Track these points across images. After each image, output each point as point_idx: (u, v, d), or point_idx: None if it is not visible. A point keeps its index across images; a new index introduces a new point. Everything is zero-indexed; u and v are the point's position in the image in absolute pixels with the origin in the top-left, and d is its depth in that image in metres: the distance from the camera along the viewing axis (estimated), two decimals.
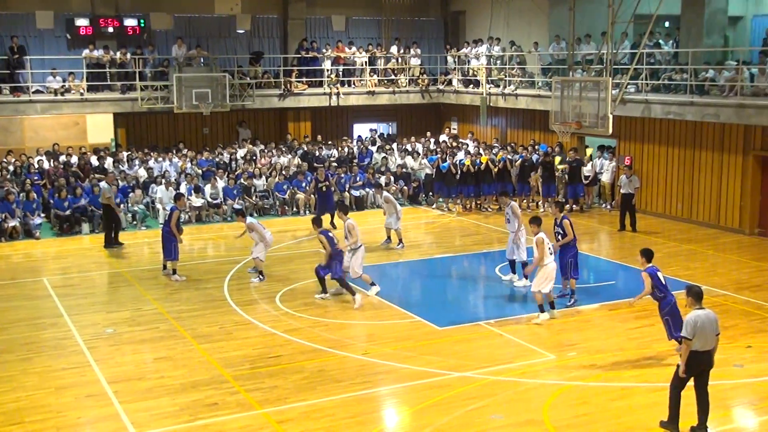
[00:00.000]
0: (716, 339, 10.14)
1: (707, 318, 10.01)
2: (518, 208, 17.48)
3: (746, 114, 20.28)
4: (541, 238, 14.70)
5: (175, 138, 29.49)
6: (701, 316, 9.98)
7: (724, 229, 22.10)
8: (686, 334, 9.93)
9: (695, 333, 9.91)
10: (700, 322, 9.92)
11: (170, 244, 17.84)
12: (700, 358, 10.01)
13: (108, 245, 21.07)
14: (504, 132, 30.31)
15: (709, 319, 10.02)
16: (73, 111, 27.28)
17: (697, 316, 9.96)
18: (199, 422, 10.85)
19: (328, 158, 27.88)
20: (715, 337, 10.10)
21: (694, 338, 9.92)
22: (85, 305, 16.24)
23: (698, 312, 10.03)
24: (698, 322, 9.92)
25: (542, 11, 28.84)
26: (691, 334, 9.91)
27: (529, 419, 10.81)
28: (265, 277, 17.60)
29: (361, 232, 16.90)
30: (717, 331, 10.13)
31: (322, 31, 32.96)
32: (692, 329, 9.90)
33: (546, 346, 13.52)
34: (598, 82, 20.91)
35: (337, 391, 11.80)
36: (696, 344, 9.95)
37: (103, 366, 12.88)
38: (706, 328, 9.97)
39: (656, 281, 12.43)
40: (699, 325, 9.91)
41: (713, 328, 10.06)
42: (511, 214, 17.13)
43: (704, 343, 9.99)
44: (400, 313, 15.52)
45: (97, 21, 28.68)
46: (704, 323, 9.95)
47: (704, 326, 9.94)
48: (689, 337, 9.92)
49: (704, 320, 9.96)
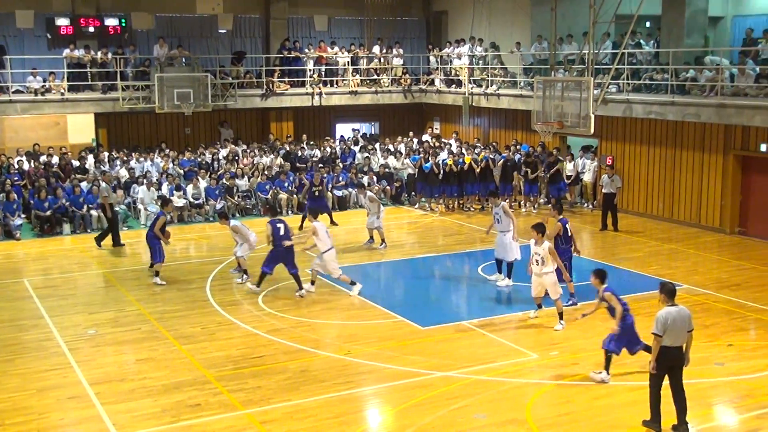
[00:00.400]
0: (689, 335, 10.28)
1: (678, 314, 10.15)
2: (509, 209, 17.53)
3: (726, 114, 20.43)
4: (552, 247, 14.61)
5: (156, 138, 29.37)
6: (672, 312, 10.13)
7: (704, 229, 22.24)
8: (657, 331, 10.11)
9: (666, 330, 10.08)
10: (671, 318, 10.08)
11: (155, 247, 17.63)
12: (670, 353, 10.16)
13: (117, 244, 21.15)
14: (486, 132, 30.38)
15: (680, 316, 10.16)
16: (53, 111, 27.12)
17: (668, 313, 10.12)
18: (181, 423, 10.81)
19: (310, 158, 27.86)
20: (687, 333, 10.23)
21: (665, 335, 10.08)
22: (66, 306, 16.14)
23: (669, 309, 10.17)
24: (669, 319, 10.08)
25: (524, 11, 28.92)
26: (662, 330, 10.08)
27: (512, 418, 10.84)
28: (249, 276, 17.51)
29: (345, 232, 16.90)
30: (690, 327, 10.26)
31: (305, 31, 32.93)
32: (662, 326, 10.08)
33: (528, 345, 13.56)
34: (579, 82, 21.01)
35: (320, 391, 11.79)
36: (666, 340, 10.11)
37: (84, 367, 12.81)
38: (677, 325, 10.11)
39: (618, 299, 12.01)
40: (670, 322, 10.07)
41: (685, 324, 10.20)
42: (502, 214, 17.13)
43: (675, 339, 10.15)
44: (383, 313, 15.52)
45: (78, 20, 28.51)
46: (675, 319, 10.10)
47: (675, 322, 10.09)
48: (660, 333, 10.09)
49: (675, 317, 10.11)
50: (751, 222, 21.60)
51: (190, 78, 27.38)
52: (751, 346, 13.67)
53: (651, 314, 14.94)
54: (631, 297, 16.07)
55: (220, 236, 22.34)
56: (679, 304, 10.32)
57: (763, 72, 20.50)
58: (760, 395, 11.56)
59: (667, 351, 10.15)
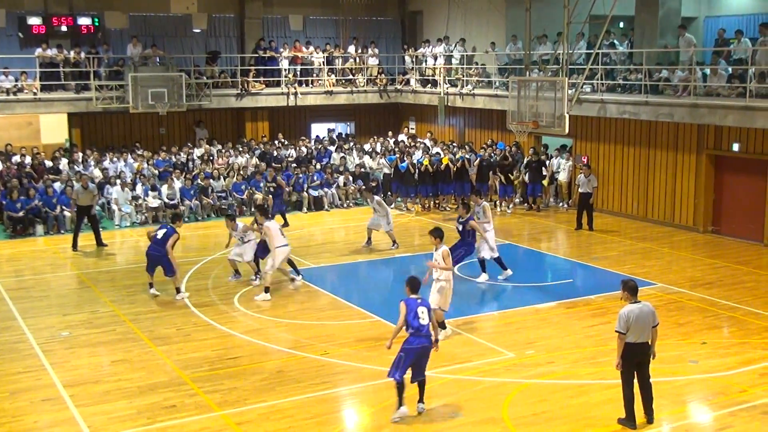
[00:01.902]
0: (653, 331, 10.41)
1: (641, 311, 10.29)
2: (489, 209, 17.68)
3: (699, 113, 20.60)
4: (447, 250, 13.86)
5: (131, 138, 29.19)
6: (634, 310, 10.27)
7: (678, 227, 22.42)
8: (619, 329, 10.25)
9: (629, 327, 10.22)
10: (633, 316, 10.23)
11: (165, 263, 16.22)
12: (634, 349, 10.31)
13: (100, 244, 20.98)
14: (462, 131, 30.44)
15: (643, 312, 10.29)
16: (26, 111, 26.86)
17: (630, 311, 10.27)
18: (157, 425, 10.75)
19: (285, 158, 27.81)
20: (651, 328, 10.37)
21: (628, 332, 10.22)
22: (39, 308, 15.99)
23: (631, 306, 10.31)
24: (631, 317, 10.23)
25: (499, 12, 29.01)
26: (624, 328, 10.23)
27: (489, 417, 10.87)
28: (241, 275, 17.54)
29: (320, 232, 16.88)
30: (654, 322, 10.40)
31: (280, 31, 32.85)
32: (625, 324, 10.23)
33: (504, 344, 13.60)
34: (554, 82, 21.08)
35: (296, 391, 11.76)
36: (630, 336, 10.26)
37: (58, 369, 12.70)
38: (640, 321, 10.25)
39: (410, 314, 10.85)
40: (632, 319, 10.22)
41: (649, 320, 10.34)
42: (481, 213, 17.20)
43: (639, 336, 10.29)
44: (360, 313, 15.51)
45: (50, 19, 28.26)
46: (638, 316, 10.25)
47: (638, 319, 10.24)
48: (623, 331, 10.23)
49: (638, 314, 10.26)
50: (724, 221, 21.80)
51: (165, 78, 27.22)
52: (724, 343, 13.79)
53: None
54: (605, 296, 16.25)
55: (195, 237, 22.27)
56: (642, 301, 10.46)
57: (735, 72, 20.69)
58: (733, 392, 11.66)
59: (631, 347, 10.28)
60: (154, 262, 16.36)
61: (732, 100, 20.05)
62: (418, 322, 10.67)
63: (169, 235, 16.08)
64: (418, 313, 10.72)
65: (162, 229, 16.35)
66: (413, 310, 10.73)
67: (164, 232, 16.17)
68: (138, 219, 23.82)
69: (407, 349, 10.70)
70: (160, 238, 16.13)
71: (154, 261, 16.34)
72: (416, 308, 10.75)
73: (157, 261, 16.30)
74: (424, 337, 10.71)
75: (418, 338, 10.69)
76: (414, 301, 10.87)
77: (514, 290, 16.88)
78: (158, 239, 16.15)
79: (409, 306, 10.79)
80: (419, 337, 10.69)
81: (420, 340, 10.69)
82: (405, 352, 10.69)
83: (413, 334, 10.71)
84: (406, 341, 10.76)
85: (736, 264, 18.89)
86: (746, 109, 19.37)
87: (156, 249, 16.21)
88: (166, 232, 16.16)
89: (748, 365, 12.66)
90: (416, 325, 10.67)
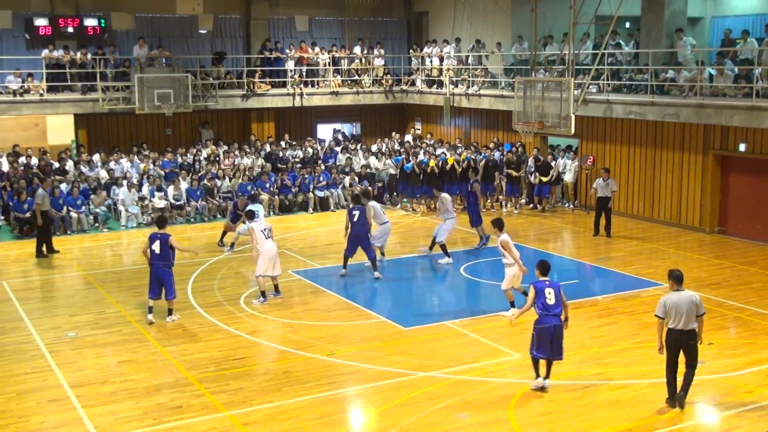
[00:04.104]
0: (700, 320, 10.81)
1: (679, 297, 10.74)
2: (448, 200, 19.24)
3: (705, 114, 20.57)
4: (506, 239, 14.78)
5: (137, 139, 29.23)
6: (672, 296, 10.82)
7: (684, 228, 22.38)
8: (657, 313, 10.87)
9: (666, 312, 10.76)
10: (671, 301, 10.74)
11: (171, 280, 15.08)
12: (675, 335, 10.78)
13: (40, 255, 20.10)
14: (467, 132, 30.44)
15: (682, 299, 10.74)
16: (32, 112, 26.92)
17: (668, 297, 10.82)
18: (163, 425, 10.76)
19: (292, 159, 27.83)
20: (695, 317, 10.74)
21: (666, 316, 10.76)
22: (46, 308, 16.04)
23: (672, 293, 10.80)
24: (668, 303, 10.74)
25: (505, 12, 28.99)
26: (662, 313, 10.81)
27: (495, 418, 10.87)
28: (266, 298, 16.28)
29: (327, 233, 16.87)
30: (699, 311, 10.78)
31: (285, 32, 32.86)
32: (662, 309, 10.81)
33: (511, 345, 13.58)
34: (560, 82, 21.09)
35: (302, 392, 11.77)
36: (669, 322, 10.76)
37: (65, 370, 12.73)
38: (679, 307, 10.67)
39: (538, 295, 11.60)
40: (669, 305, 10.72)
41: (690, 308, 10.70)
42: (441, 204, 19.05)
43: (678, 322, 10.71)
44: (366, 313, 15.51)
45: (57, 21, 28.32)
46: (676, 302, 10.71)
47: (676, 305, 10.69)
48: (661, 315, 10.82)
49: (675, 300, 10.73)
50: (731, 221, 21.76)
51: (171, 79, 27.26)
52: (731, 344, 13.77)
53: (631, 313, 15.19)
54: (611, 296, 16.23)
55: (201, 237, 22.31)
56: (687, 290, 10.87)
57: (742, 72, 20.66)
58: (740, 393, 11.64)
59: (672, 333, 10.80)
60: (160, 280, 14.90)
61: (738, 100, 20.02)
62: (544, 302, 11.38)
63: (166, 242, 14.83)
64: (546, 294, 11.42)
65: (155, 241, 14.84)
66: (541, 291, 11.43)
67: (159, 244, 14.79)
68: (144, 220, 23.84)
69: (537, 328, 11.49)
70: (159, 252, 14.80)
71: (160, 278, 14.88)
72: (544, 289, 11.44)
73: (162, 278, 14.88)
74: (553, 317, 11.40)
75: (547, 317, 11.41)
76: (542, 283, 11.54)
77: None
78: (158, 254, 14.80)
79: (537, 288, 11.49)
80: (548, 316, 11.40)
81: (549, 320, 11.40)
82: (536, 332, 11.50)
83: (542, 314, 11.44)
84: (536, 321, 11.53)
85: (742, 264, 18.85)
86: (753, 110, 19.33)
87: (159, 264, 14.85)
88: (161, 243, 14.80)
89: (755, 366, 12.64)
90: (543, 305, 11.41)
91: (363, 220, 17.58)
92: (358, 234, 17.60)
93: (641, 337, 13.93)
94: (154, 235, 14.95)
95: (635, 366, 12.74)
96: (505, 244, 14.71)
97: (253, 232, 16.16)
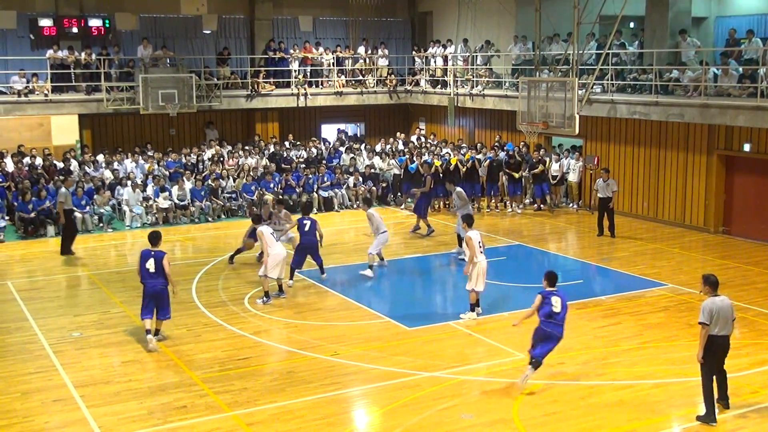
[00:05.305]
0: (733, 324, 10.76)
1: (723, 303, 10.64)
2: (376, 216, 18.66)
3: (710, 114, 20.54)
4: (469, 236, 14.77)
5: (141, 139, 29.28)
6: (717, 302, 10.61)
7: (689, 228, 22.35)
8: (704, 320, 10.57)
9: (712, 319, 10.54)
10: (716, 308, 10.55)
11: (167, 298, 13.94)
12: (717, 341, 10.62)
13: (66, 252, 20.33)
14: (471, 132, 30.43)
15: (725, 304, 10.64)
16: (37, 112, 26.96)
17: (713, 303, 10.60)
18: (168, 425, 10.78)
19: (296, 159, 27.85)
20: (731, 321, 10.71)
21: (712, 323, 10.54)
22: (50, 308, 16.05)
23: (714, 299, 10.63)
24: (714, 309, 10.54)
25: (509, 12, 28.97)
26: (708, 319, 10.55)
27: (499, 418, 10.86)
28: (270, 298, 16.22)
29: (331, 233, 16.89)
30: (733, 316, 10.76)
31: (290, 32, 32.88)
32: (708, 315, 10.54)
33: (514, 345, 13.56)
34: (564, 82, 21.04)
35: (306, 392, 11.77)
36: (714, 329, 10.57)
37: (69, 370, 12.74)
38: (723, 313, 10.56)
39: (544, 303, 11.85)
40: (715, 312, 10.52)
41: (729, 313, 10.65)
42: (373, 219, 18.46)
43: (721, 328, 10.62)
44: (370, 313, 15.51)
45: (61, 21, 28.37)
46: (720, 308, 10.57)
47: (720, 311, 10.55)
48: (707, 322, 10.55)
49: (720, 305, 10.59)
50: (735, 221, 21.73)
51: (175, 79, 27.30)
52: (735, 344, 13.66)
53: (636, 314, 15.17)
54: (615, 297, 16.22)
55: (206, 238, 22.33)
56: (721, 295, 10.74)
57: (746, 72, 20.62)
58: (744, 393, 11.62)
59: (715, 340, 10.60)
60: (157, 299, 13.74)
61: (743, 100, 19.99)
62: (550, 309, 11.59)
63: (161, 260, 13.61)
64: (552, 302, 11.64)
65: (149, 259, 13.64)
66: (548, 299, 11.67)
67: (154, 262, 13.60)
68: (149, 220, 23.87)
69: (537, 329, 11.75)
70: (154, 271, 13.59)
71: (157, 298, 13.73)
72: (551, 297, 11.69)
73: (159, 297, 13.74)
74: (555, 324, 11.62)
75: (549, 324, 11.65)
76: (549, 293, 11.74)
77: (524, 291, 16.82)
78: (152, 273, 13.60)
79: (544, 297, 11.71)
80: (552, 324, 11.64)
81: (550, 326, 11.62)
82: (536, 333, 11.74)
83: (545, 320, 11.64)
84: (540, 324, 11.73)
85: (747, 265, 18.82)
86: (757, 109, 19.29)
87: (154, 284, 13.62)
88: (155, 261, 13.61)
89: (760, 366, 12.64)
90: (549, 313, 11.60)
91: (313, 230, 17.32)
92: (308, 244, 17.35)
93: (645, 337, 13.93)
94: (147, 253, 13.70)
95: (640, 366, 12.73)
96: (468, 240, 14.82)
97: (263, 236, 16.15)
